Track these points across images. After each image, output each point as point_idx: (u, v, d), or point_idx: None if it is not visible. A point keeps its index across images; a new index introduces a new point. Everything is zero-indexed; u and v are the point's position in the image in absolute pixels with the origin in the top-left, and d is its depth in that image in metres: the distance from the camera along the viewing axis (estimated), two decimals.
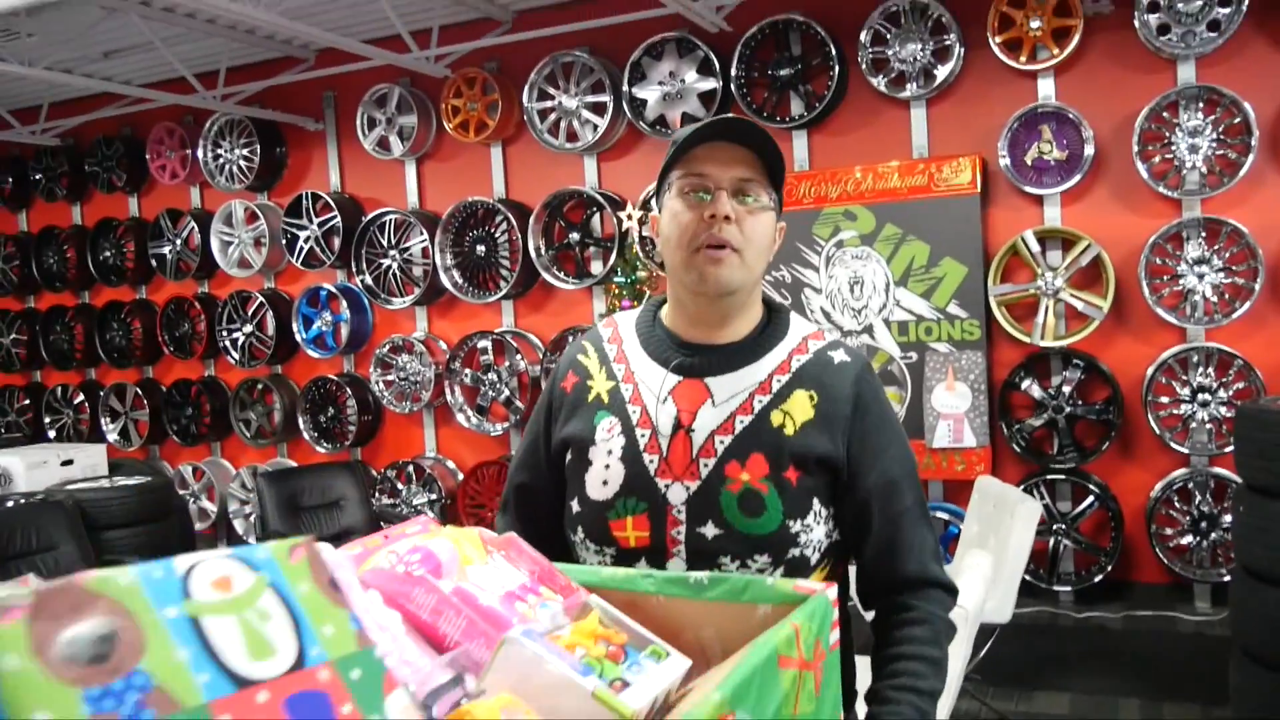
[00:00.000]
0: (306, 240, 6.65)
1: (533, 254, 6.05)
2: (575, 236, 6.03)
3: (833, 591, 1.18)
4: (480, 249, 6.24)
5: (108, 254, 7.42)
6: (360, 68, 6.12)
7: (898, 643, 1.45)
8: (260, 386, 7.01)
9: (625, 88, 5.74)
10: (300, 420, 6.82)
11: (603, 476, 1.51)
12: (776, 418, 1.46)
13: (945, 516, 5.26)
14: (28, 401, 7.93)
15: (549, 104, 5.99)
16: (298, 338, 6.77)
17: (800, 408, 1.47)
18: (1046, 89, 5.09)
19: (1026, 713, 3.93)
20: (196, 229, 7.04)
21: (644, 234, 5.79)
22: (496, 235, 6.22)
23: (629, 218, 5.71)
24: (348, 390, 6.64)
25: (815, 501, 1.46)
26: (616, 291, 5.25)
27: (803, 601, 1.14)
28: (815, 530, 1.46)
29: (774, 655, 1.03)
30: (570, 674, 0.96)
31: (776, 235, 1.53)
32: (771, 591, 1.19)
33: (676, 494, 1.46)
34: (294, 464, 6.82)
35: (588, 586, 1.24)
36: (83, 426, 7.66)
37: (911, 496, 1.50)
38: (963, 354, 5.13)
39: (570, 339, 5.79)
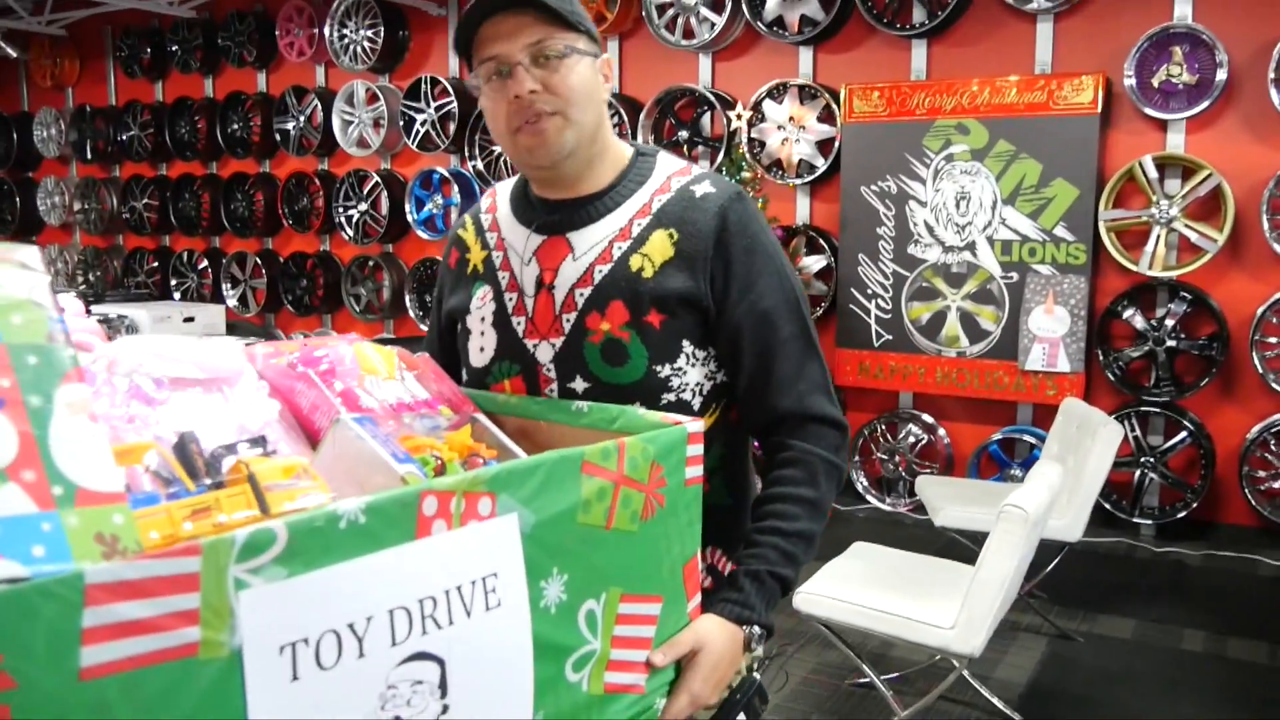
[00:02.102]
0: (423, 124, 6.80)
1: None
2: (684, 135, 6.05)
3: (695, 425, 1.22)
4: None
5: (235, 126, 7.70)
6: None
7: (769, 484, 1.42)
8: (371, 264, 7.27)
9: None
10: (407, 298, 7.07)
11: (479, 344, 1.52)
12: (636, 262, 1.42)
13: (1030, 440, 5.24)
14: (156, 264, 8.36)
15: (668, 0, 5.97)
16: (409, 219, 6.97)
17: (659, 248, 1.42)
18: (1182, 9, 4.88)
19: (1088, 632, 3.96)
20: (320, 107, 7.25)
21: (752, 135, 5.78)
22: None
23: (738, 118, 5.70)
24: None
25: (686, 343, 1.42)
26: None
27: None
28: (689, 373, 1.43)
29: (577, 458, 1.07)
30: (385, 457, 1.05)
31: (601, 72, 1.45)
32: (641, 421, 1.26)
33: (544, 353, 1.45)
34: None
35: (487, 411, 1.35)
36: (205, 290, 8.06)
37: (790, 328, 1.43)
38: (1065, 278, 5.05)
39: None
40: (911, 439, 5.57)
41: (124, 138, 8.26)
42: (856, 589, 3.01)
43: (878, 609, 2.89)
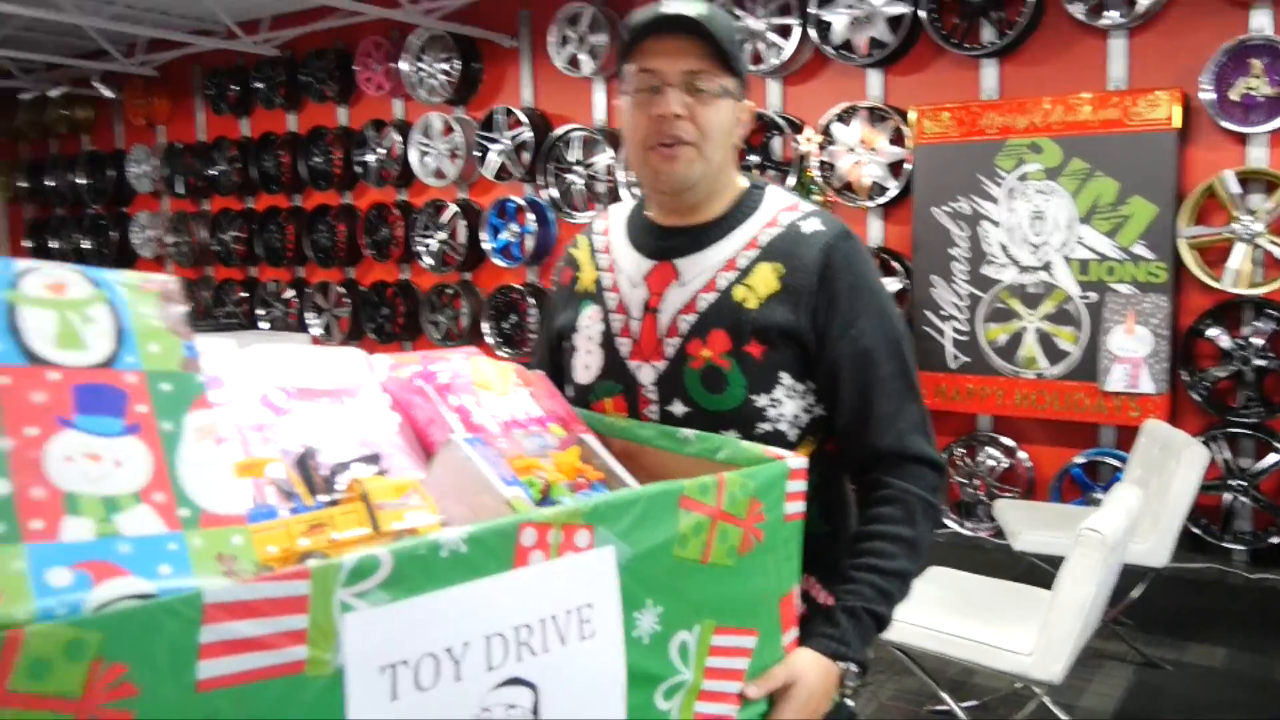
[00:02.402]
0: (497, 153, 6.93)
1: None
2: (754, 159, 6.07)
3: (797, 461, 1.23)
4: None
5: (317, 160, 7.93)
6: None
7: (867, 521, 1.44)
8: (450, 291, 7.40)
9: (812, 10, 5.70)
10: (484, 325, 7.19)
11: (585, 362, 1.56)
12: (739, 293, 1.45)
13: (1114, 463, 5.14)
14: (244, 294, 8.62)
15: (736, 25, 6.01)
16: (486, 247, 7.10)
17: (764, 281, 1.45)
18: (1260, 20, 4.78)
19: (1177, 661, 3.87)
20: (398, 139, 7.43)
21: (822, 159, 5.79)
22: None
23: (807, 141, 5.71)
24: (530, 299, 6.94)
25: (784, 375, 1.44)
26: None
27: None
28: (786, 405, 1.45)
29: (676, 493, 1.09)
30: (493, 480, 1.08)
31: (740, 118, 1.50)
32: (745, 454, 1.28)
33: (646, 375, 1.49)
34: None
35: (595, 431, 1.38)
36: (290, 319, 8.28)
37: (890, 368, 1.44)
38: (1146, 296, 4.95)
39: None
40: (991, 462, 5.50)
41: (213, 172, 8.55)
42: (933, 614, 2.99)
43: (954, 634, 2.87)
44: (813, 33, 5.74)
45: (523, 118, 6.81)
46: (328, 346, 1.34)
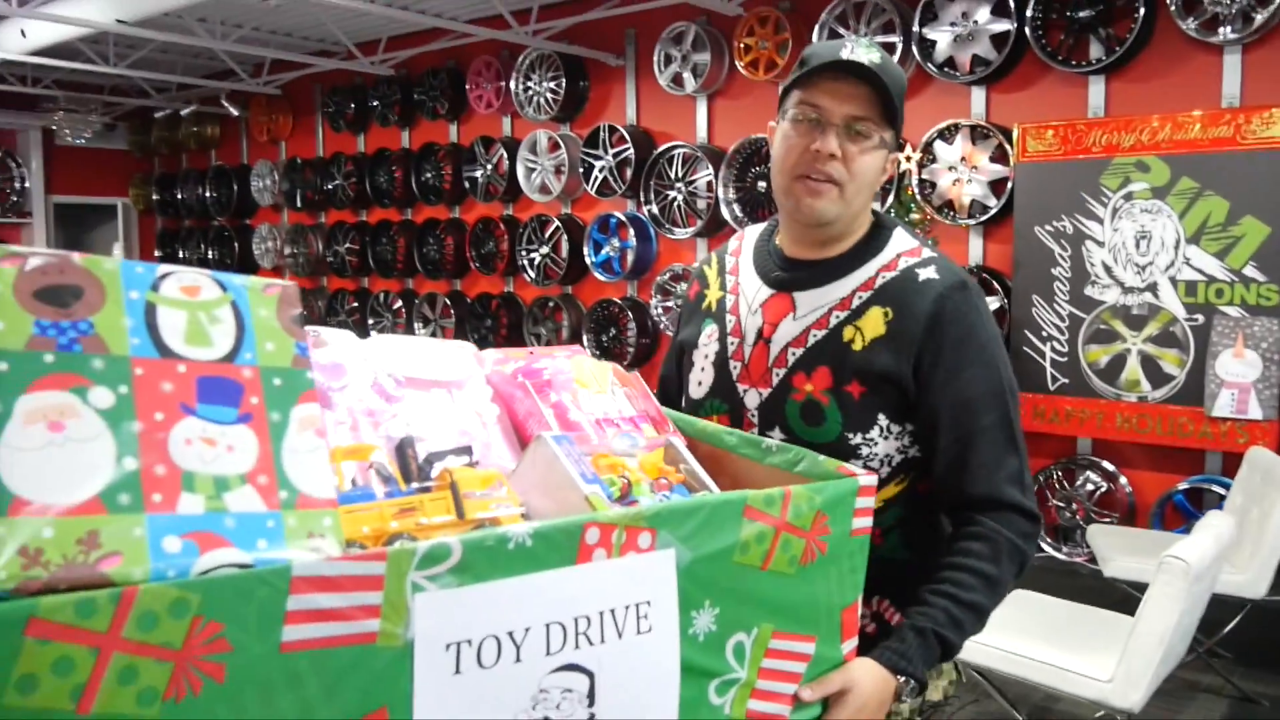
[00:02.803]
0: (601, 170, 7.07)
1: None
2: None
3: (867, 479, 1.27)
4: (761, 185, 6.42)
5: (428, 175, 8.20)
6: (660, 5, 6.41)
7: (952, 554, 1.45)
8: (551, 304, 7.57)
9: (915, 28, 5.70)
10: (584, 338, 7.33)
11: (699, 378, 1.64)
12: (848, 333, 1.49)
13: (1220, 490, 5.00)
14: (356, 304, 8.95)
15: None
16: (587, 261, 7.25)
17: (873, 324, 1.49)
18: None
19: (1275, 696, 3.76)
20: (505, 155, 7.64)
21: (923, 176, 5.77)
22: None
23: (907, 159, 5.70)
24: (629, 314, 7.06)
25: (881, 416, 1.48)
26: None
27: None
28: (880, 444, 1.49)
29: (740, 502, 1.15)
30: (574, 476, 1.15)
31: (887, 168, 1.55)
32: (820, 467, 1.33)
33: (752, 399, 1.56)
34: None
35: (686, 434, 1.44)
36: (399, 329, 8.56)
37: (991, 417, 1.46)
38: (1256, 320, 4.81)
39: None
40: (1090, 486, 5.40)
41: (329, 187, 8.91)
42: (1014, 638, 2.98)
43: (1034, 658, 2.86)
44: (915, 50, 5.73)
45: (626, 135, 6.94)
46: (440, 340, 1.45)
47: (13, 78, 9.08)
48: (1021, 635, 3.00)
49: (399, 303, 8.57)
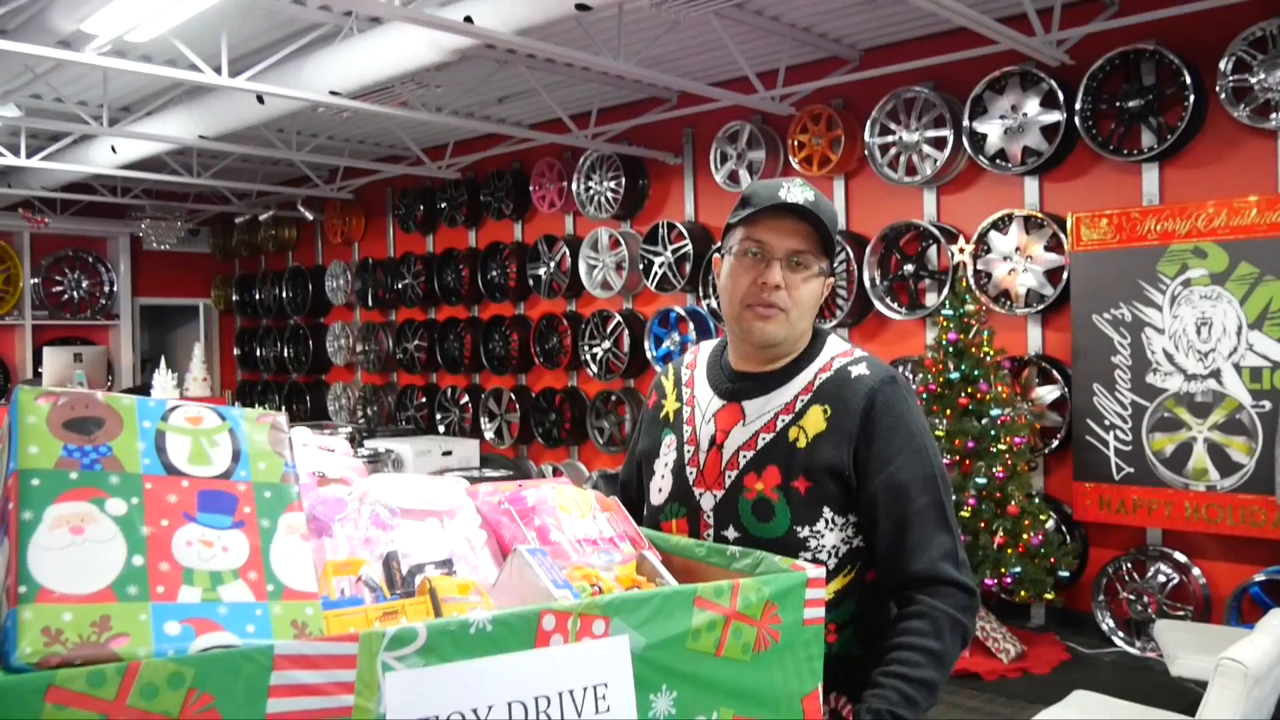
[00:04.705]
0: (660, 265, 7.20)
1: (867, 284, 6.21)
2: (909, 269, 6.12)
3: (814, 571, 1.35)
4: None
5: (494, 273, 8.42)
6: (715, 106, 6.58)
7: (895, 634, 1.53)
8: (614, 398, 7.66)
9: (966, 122, 5.77)
10: None
11: (659, 485, 1.76)
12: (793, 433, 1.62)
13: None
14: (424, 400, 9.13)
15: (890, 139, 6.14)
16: (648, 355, 7.34)
17: (814, 421, 1.62)
18: None
19: None
20: (568, 253, 7.83)
21: (978, 267, 5.78)
22: (834, 266, 6.42)
23: (961, 251, 5.72)
24: None
25: (826, 509, 1.60)
26: (944, 324, 5.28)
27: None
28: (827, 536, 1.60)
29: (690, 593, 1.24)
30: (546, 582, 1.25)
31: (824, 291, 1.70)
32: (774, 567, 1.41)
33: (707, 501, 1.67)
34: None
35: (659, 549, 1.54)
36: (465, 424, 8.72)
37: (924, 500, 1.57)
38: None
39: (901, 369, 5.90)
40: (1161, 578, 5.24)
41: (399, 285, 9.19)
42: None
43: None
44: (966, 144, 5.79)
45: (684, 231, 7.07)
46: (435, 477, 1.59)
47: (103, 189, 9.59)
48: None
49: (465, 398, 8.74)
